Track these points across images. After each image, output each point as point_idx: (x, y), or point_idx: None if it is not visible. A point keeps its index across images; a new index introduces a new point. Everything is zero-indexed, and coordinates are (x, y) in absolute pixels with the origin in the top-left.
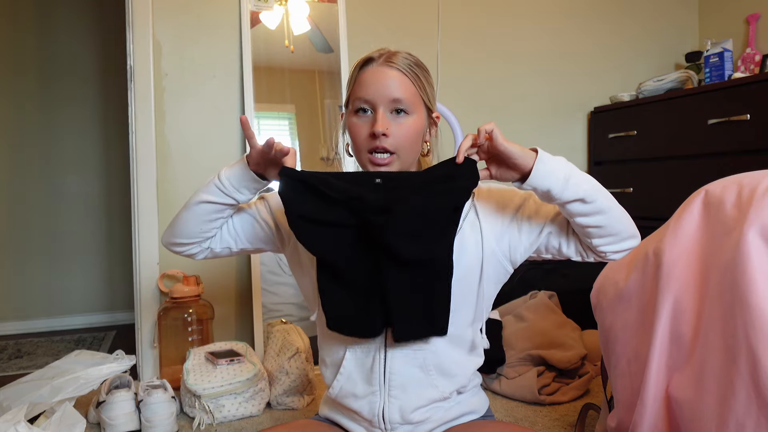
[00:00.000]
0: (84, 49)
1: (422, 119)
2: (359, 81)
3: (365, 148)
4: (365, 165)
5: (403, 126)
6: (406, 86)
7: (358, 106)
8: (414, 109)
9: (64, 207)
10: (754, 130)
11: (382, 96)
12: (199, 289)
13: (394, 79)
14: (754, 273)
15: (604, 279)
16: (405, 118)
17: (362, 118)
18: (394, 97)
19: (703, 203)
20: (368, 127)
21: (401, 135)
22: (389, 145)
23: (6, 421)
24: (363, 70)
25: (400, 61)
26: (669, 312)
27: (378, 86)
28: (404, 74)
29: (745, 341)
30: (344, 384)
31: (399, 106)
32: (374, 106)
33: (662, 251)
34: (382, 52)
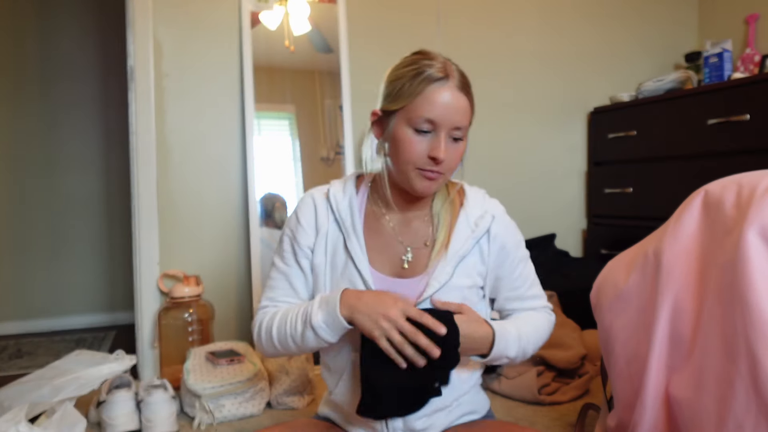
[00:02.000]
0: (84, 49)
1: (466, 139)
2: (428, 98)
3: (417, 165)
4: (411, 178)
5: (456, 151)
6: (469, 113)
7: (419, 125)
8: (466, 134)
9: (65, 207)
10: (754, 130)
11: (450, 122)
12: (199, 289)
13: (462, 106)
14: (754, 273)
15: (603, 279)
16: (459, 144)
17: (422, 135)
18: (459, 124)
19: (703, 203)
20: (426, 147)
21: (453, 160)
22: (442, 168)
23: (6, 421)
24: (433, 86)
25: (469, 86)
26: (668, 312)
27: (449, 111)
28: (467, 98)
29: (745, 341)
30: (346, 392)
31: (458, 134)
32: (437, 129)
33: (662, 251)
34: (451, 69)
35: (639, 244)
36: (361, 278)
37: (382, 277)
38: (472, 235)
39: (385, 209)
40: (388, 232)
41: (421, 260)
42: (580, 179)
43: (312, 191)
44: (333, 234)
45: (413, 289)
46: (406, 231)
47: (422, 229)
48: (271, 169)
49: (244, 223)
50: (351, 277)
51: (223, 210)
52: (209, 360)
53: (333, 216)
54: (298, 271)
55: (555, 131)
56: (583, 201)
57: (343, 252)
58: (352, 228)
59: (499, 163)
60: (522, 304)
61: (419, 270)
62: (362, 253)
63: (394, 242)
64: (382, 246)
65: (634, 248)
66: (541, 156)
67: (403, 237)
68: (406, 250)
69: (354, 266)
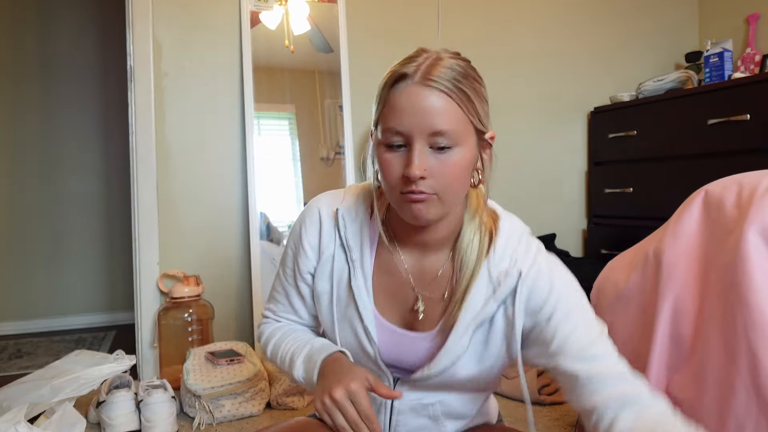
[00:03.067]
0: (84, 49)
1: (472, 148)
2: (390, 105)
3: (397, 188)
4: (399, 206)
5: (447, 164)
6: (452, 112)
7: (390, 139)
8: (461, 140)
9: (65, 207)
10: (754, 130)
11: (420, 128)
12: (199, 289)
13: (434, 105)
14: (754, 273)
15: (604, 279)
16: (450, 153)
17: (395, 152)
18: (437, 129)
19: (703, 203)
20: (401, 165)
21: (444, 175)
22: (428, 187)
23: (6, 421)
24: (395, 90)
25: (443, 77)
26: (669, 312)
27: (414, 115)
28: (449, 95)
29: (745, 341)
30: None
31: (441, 141)
32: (409, 141)
33: (662, 251)
34: (418, 64)
35: (639, 245)
36: (362, 325)
37: (389, 326)
38: (493, 297)
39: (398, 245)
40: (402, 273)
41: (434, 314)
42: (580, 179)
43: (320, 203)
44: (339, 262)
45: (422, 346)
46: (423, 277)
47: (443, 277)
48: (271, 169)
49: (244, 223)
50: (352, 320)
51: (223, 210)
52: (209, 360)
53: (340, 240)
54: (297, 294)
55: (555, 131)
56: (583, 201)
57: (346, 288)
58: (360, 262)
59: (499, 163)
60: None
61: (431, 324)
62: (368, 296)
63: (407, 287)
64: (393, 289)
65: (634, 248)
66: (541, 156)
67: (417, 282)
68: (418, 298)
69: (356, 309)
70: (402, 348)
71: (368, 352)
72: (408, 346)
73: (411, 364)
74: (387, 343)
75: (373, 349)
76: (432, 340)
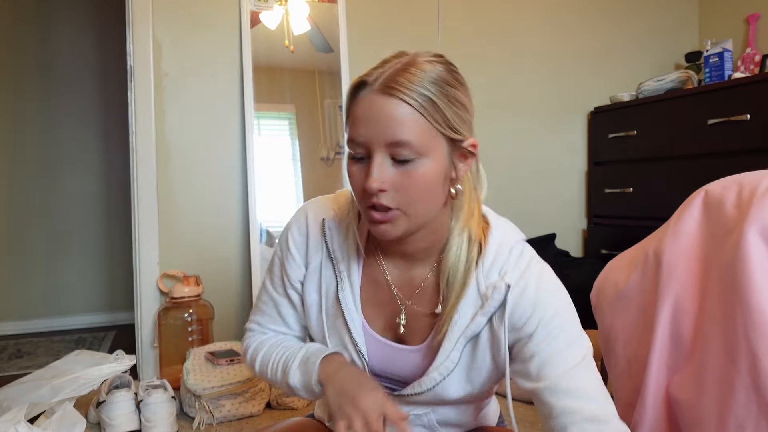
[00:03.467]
0: (84, 49)
1: (441, 159)
2: (351, 114)
3: (362, 204)
4: (368, 221)
5: (409, 176)
6: (413, 122)
7: (351, 149)
8: (426, 151)
9: (64, 207)
10: (754, 130)
11: (378, 138)
12: (199, 289)
13: (393, 114)
14: (754, 273)
15: (604, 279)
16: (412, 165)
17: (358, 164)
18: (396, 139)
19: (703, 203)
20: (363, 177)
21: (407, 188)
22: (390, 201)
23: (6, 421)
24: (355, 99)
25: (405, 85)
26: (669, 312)
27: (371, 125)
28: (409, 104)
29: (745, 341)
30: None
31: (403, 153)
32: (369, 152)
33: (662, 251)
34: (383, 71)
35: (639, 245)
36: (350, 338)
37: (377, 338)
38: (481, 311)
39: (383, 255)
40: (387, 284)
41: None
42: (580, 179)
43: (308, 210)
44: (327, 273)
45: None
46: (408, 288)
47: (429, 289)
48: (270, 169)
49: (244, 223)
50: (340, 332)
51: (223, 210)
52: (209, 360)
53: (327, 251)
54: (287, 303)
55: (555, 131)
56: (583, 201)
57: (334, 300)
58: (347, 273)
59: (500, 163)
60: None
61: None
62: (356, 308)
63: (392, 298)
64: (379, 300)
65: (634, 248)
66: (542, 156)
67: (404, 294)
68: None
69: (344, 322)
70: (392, 360)
71: (357, 365)
72: (397, 359)
73: (401, 377)
74: (377, 356)
75: (362, 362)
76: (421, 353)
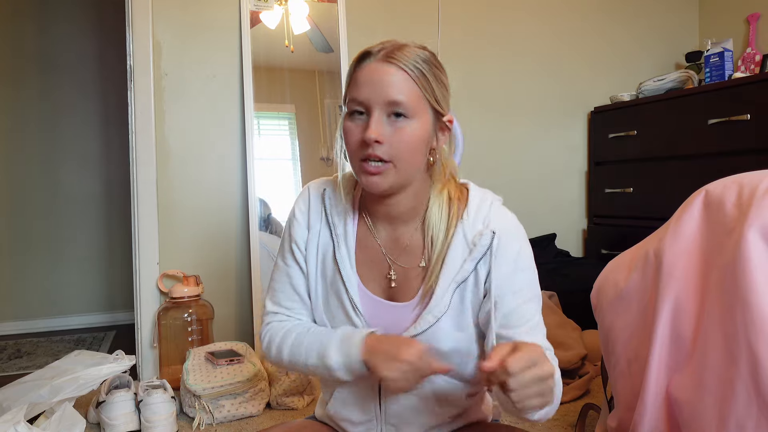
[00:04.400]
0: (84, 49)
1: (426, 125)
2: (354, 79)
3: (357, 156)
4: (358, 174)
5: (401, 132)
6: (407, 86)
7: (352, 108)
8: (416, 114)
9: (64, 207)
10: (754, 130)
11: (378, 97)
12: (199, 289)
13: (392, 78)
14: (755, 273)
15: (604, 279)
16: (404, 122)
17: (356, 121)
18: (392, 99)
19: (704, 203)
20: (361, 132)
21: (398, 142)
22: (383, 153)
23: (6, 421)
24: (359, 66)
25: (403, 57)
26: (669, 312)
27: (373, 86)
28: (405, 71)
29: (746, 341)
30: (339, 408)
31: (397, 109)
32: (369, 109)
33: (662, 251)
34: (384, 46)
35: (639, 245)
36: (347, 295)
37: (372, 296)
38: (470, 257)
39: (373, 220)
40: (377, 245)
41: (412, 282)
42: (580, 179)
43: (311, 185)
44: (324, 238)
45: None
46: (395, 247)
47: (415, 246)
48: (270, 169)
49: (244, 223)
50: (338, 291)
51: (223, 210)
52: (209, 360)
53: (326, 219)
54: (298, 271)
55: (555, 131)
56: (583, 201)
57: (332, 262)
58: (344, 236)
59: (500, 163)
60: None
61: (410, 294)
62: (351, 267)
63: (382, 257)
64: (371, 261)
65: (634, 248)
66: (542, 156)
67: (392, 254)
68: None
69: (341, 280)
70: (385, 318)
71: (355, 323)
72: (391, 316)
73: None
74: (372, 314)
75: (360, 320)
76: (413, 308)
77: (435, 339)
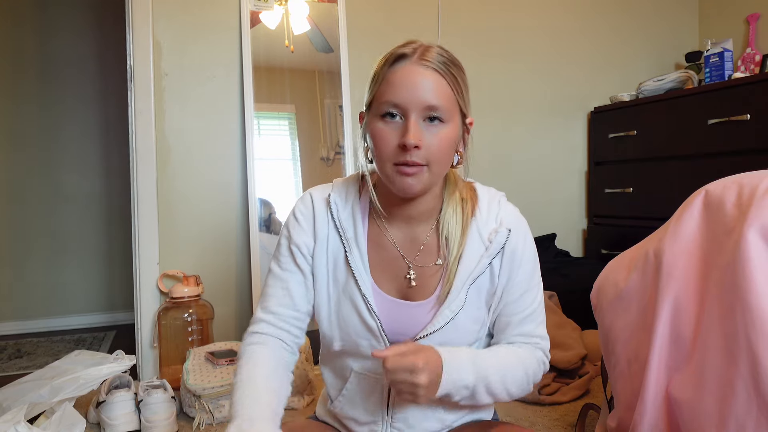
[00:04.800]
0: (84, 49)
1: (456, 128)
2: (388, 81)
3: (391, 159)
4: (391, 177)
5: (437, 137)
6: (443, 90)
7: (386, 110)
8: (450, 117)
9: (64, 207)
10: (754, 130)
11: (416, 101)
12: (199, 289)
13: (430, 82)
14: (754, 273)
15: (604, 279)
16: (440, 127)
17: (390, 124)
18: (430, 103)
19: (703, 203)
20: (397, 135)
21: (435, 147)
22: (420, 158)
23: (6, 421)
24: (393, 68)
25: (436, 59)
26: (669, 312)
27: (411, 89)
28: (441, 75)
29: (746, 341)
30: (345, 405)
31: (434, 113)
32: (405, 113)
33: (662, 251)
34: (415, 47)
35: (639, 245)
36: (362, 298)
37: (387, 297)
38: (486, 254)
39: (386, 221)
40: (392, 246)
41: (429, 281)
42: (580, 179)
43: (312, 191)
44: (334, 244)
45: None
46: (412, 247)
47: (431, 245)
48: (270, 169)
49: (244, 223)
50: (352, 295)
51: (223, 210)
52: (209, 360)
53: (333, 224)
54: (298, 276)
55: (555, 131)
56: (583, 201)
57: (344, 266)
58: (355, 240)
59: (500, 163)
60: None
61: (427, 292)
62: (365, 269)
63: (398, 259)
64: (386, 262)
65: (634, 248)
66: (542, 156)
67: (407, 253)
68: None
69: (355, 284)
70: (402, 318)
71: (370, 326)
72: (407, 316)
73: (411, 333)
74: (387, 315)
75: (375, 321)
76: (430, 307)
77: (453, 333)
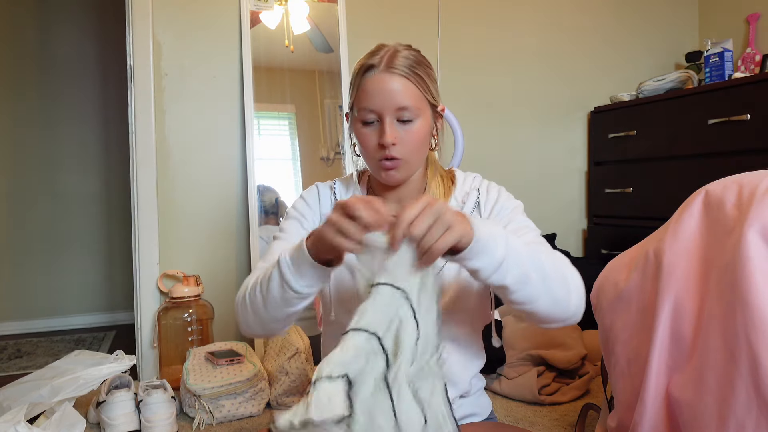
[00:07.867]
0: (83, 49)
1: (428, 120)
2: (363, 89)
3: (374, 156)
4: (376, 171)
5: (410, 133)
6: (411, 92)
7: (364, 117)
8: (420, 113)
9: (64, 207)
10: (754, 130)
11: (388, 106)
12: (199, 289)
13: (397, 86)
14: (755, 273)
15: (604, 279)
16: (413, 124)
17: (369, 126)
18: (400, 105)
19: (703, 203)
20: (376, 136)
21: (410, 142)
22: (398, 153)
23: (6, 421)
24: (365, 77)
25: (401, 64)
26: (669, 312)
27: (382, 96)
28: (407, 78)
29: (746, 341)
30: None
31: (405, 114)
32: (381, 116)
33: (662, 251)
34: (382, 56)
35: (639, 244)
36: None
37: None
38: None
39: None
40: None
41: None
42: (580, 179)
43: (317, 183)
44: None
45: None
46: None
47: None
48: (270, 169)
49: (244, 223)
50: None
51: (223, 210)
52: (209, 360)
53: None
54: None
55: (555, 131)
56: (583, 201)
57: None
58: None
59: (499, 163)
60: None
61: None
62: None
63: None
64: None
65: (634, 248)
66: (541, 156)
67: None
68: None
69: None
70: None
71: None
72: None
73: None
74: None
75: None
76: None
77: (445, 281)
